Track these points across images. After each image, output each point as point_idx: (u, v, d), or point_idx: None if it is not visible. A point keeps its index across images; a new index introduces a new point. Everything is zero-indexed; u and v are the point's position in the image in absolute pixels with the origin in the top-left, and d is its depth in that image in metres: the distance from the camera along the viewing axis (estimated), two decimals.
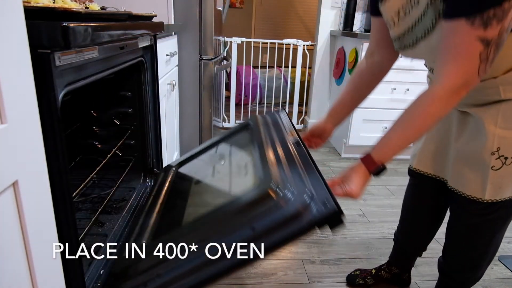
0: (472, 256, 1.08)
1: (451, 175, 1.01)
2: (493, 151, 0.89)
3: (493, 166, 0.90)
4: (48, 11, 0.56)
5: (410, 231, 1.30)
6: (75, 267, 0.65)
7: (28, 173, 0.48)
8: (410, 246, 1.31)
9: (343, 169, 0.84)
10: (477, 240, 1.05)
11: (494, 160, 0.89)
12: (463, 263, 1.11)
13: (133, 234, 0.90)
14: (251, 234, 0.67)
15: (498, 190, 0.92)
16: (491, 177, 0.91)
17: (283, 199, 0.67)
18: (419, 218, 1.26)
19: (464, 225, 1.05)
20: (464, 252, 1.09)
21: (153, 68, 1.18)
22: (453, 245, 1.12)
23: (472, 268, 1.10)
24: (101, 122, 1.23)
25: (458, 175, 0.98)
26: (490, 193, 0.93)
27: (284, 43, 3.10)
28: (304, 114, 3.34)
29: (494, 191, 0.93)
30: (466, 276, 1.12)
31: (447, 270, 1.15)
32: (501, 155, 0.89)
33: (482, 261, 1.09)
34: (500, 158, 0.89)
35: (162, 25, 1.17)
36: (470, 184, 0.95)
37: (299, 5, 4.83)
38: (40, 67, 0.52)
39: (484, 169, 0.91)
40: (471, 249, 1.08)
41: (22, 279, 0.49)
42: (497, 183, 0.92)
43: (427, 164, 1.12)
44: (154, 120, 1.23)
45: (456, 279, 1.13)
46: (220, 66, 2.26)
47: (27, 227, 0.48)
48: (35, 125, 0.50)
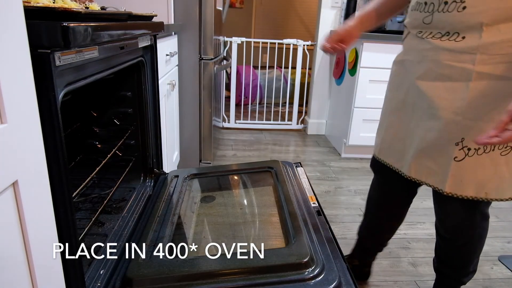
0: (462, 253, 1.09)
1: (413, 164, 0.98)
2: (457, 141, 0.87)
3: (456, 157, 0.88)
4: (48, 11, 0.56)
5: (374, 227, 1.30)
6: (75, 267, 0.65)
7: (28, 173, 0.48)
8: (373, 241, 1.33)
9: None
10: (461, 239, 1.06)
11: (457, 151, 0.87)
12: (455, 260, 1.11)
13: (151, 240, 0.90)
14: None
15: (459, 183, 0.90)
16: (452, 169, 0.89)
17: (313, 275, 0.72)
18: (383, 214, 1.26)
19: (448, 224, 1.05)
20: (453, 250, 1.10)
21: (153, 68, 1.18)
22: (442, 244, 1.13)
23: (465, 264, 1.10)
24: (101, 122, 1.23)
25: (421, 165, 0.96)
26: (451, 186, 0.91)
27: (284, 43, 3.10)
28: (304, 114, 3.34)
29: (455, 184, 0.91)
30: (461, 272, 1.12)
31: (442, 268, 1.15)
32: (465, 146, 0.87)
33: (473, 255, 1.09)
34: (463, 149, 0.87)
35: (162, 25, 1.17)
36: (432, 174, 0.94)
37: (299, 5, 4.82)
38: (40, 67, 0.52)
39: (446, 159, 0.90)
40: (460, 246, 1.08)
41: (22, 279, 0.49)
42: (458, 176, 0.90)
43: (385, 152, 1.09)
44: (154, 120, 1.24)
45: (452, 276, 1.14)
46: (220, 66, 2.26)
47: (27, 227, 0.48)
48: (35, 125, 0.50)
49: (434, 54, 0.88)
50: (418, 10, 0.91)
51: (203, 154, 2.15)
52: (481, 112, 0.84)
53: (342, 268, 0.76)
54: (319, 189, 2.16)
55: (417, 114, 0.96)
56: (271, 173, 1.19)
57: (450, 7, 0.82)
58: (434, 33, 0.88)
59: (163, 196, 1.10)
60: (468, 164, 0.88)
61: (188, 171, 1.27)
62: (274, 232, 0.93)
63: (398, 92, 1.02)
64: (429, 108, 0.91)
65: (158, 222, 0.95)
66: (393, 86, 1.06)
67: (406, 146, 1.01)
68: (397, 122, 1.03)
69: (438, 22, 0.86)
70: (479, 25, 0.79)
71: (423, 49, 0.91)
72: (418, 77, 0.93)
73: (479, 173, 0.88)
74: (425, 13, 0.89)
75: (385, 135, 1.08)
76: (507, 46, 0.78)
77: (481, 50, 0.80)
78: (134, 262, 0.78)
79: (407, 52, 0.99)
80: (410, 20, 0.97)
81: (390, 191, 1.21)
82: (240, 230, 0.98)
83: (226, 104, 3.29)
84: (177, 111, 1.94)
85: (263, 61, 4.27)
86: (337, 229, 1.74)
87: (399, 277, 1.43)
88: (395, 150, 1.05)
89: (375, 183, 1.26)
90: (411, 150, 0.99)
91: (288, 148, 2.91)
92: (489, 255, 1.62)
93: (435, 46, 0.87)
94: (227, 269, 0.74)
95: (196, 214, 1.07)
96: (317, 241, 0.84)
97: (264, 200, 1.11)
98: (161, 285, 0.72)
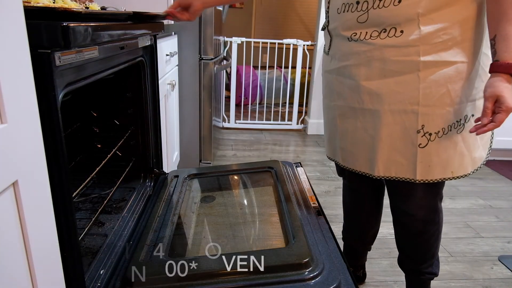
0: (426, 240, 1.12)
1: (380, 163, 0.99)
2: (418, 129, 0.91)
3: (420, 143, 0.93)
4: (48, 11, 0.56)
5: (353, 229, 1.32)
6: (75, 267, 0.65)
7: (28, 173, 0.48)
8: (358, 243, 1.34)
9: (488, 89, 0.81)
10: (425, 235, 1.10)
11: (420, 138, 0.92)
12: (418, 250, 1.14)
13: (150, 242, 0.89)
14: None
15: (428, 169, 0.95)
16: (419, 156, 0.93)
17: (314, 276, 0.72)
18: (359, 215, 1.29)
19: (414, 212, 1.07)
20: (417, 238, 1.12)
21: (153, 68, 1.18)
22: (405, 242, 1.16)
23: (425, 253, 1.13)
24: (101, 122, 1.23)
25: (388, 162, 0.98)
26: (421, 173, 0.95)
27: (284, 43, 3.10)
28: (304, 114, 3.34)
29: (424, 170, 0.95)
30: (426, 264, 1.14)
31: (409, 265, 1.18)
32: (426, 132, 0.91)
33: (436, 248, 1.14)
34: (425, 135, 0.92)
35: (162, 25, 1.17)
36: (401, 167, 0.97)
37: (299, 5, 4.82)
38: (40, 67, 0.52)
39: (412, 148, 0.94)
40: (423, 242, 1.12)
41: (22, 279, 0.49)
42: (426, 161, 0.94)
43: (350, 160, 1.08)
44: (154, 120, 1.23)
45: (418, 270, 1.16)
46: (220, 66, 2.26)
47: (27, 227, 0.48)
48: (35, 125, 0.50)
49: (380, 53, 0.90)
50: (350, 11, 0.92)
51: (203, 154, 2.15)
52: (434, 98, 0.89)
53: (342, 268, 0.76)
54: (319, 189, 2.16)
55: (369, 115, 0.97)
56: (271, 173, 1.19)
57: (386, 2, 0.85)
58: (371, 32, 0.89)
59: (163, 196, 1.10)
60: (432, 149, 0.93)
61: (188, 171, 1.27)
62: (274, 232, 0.93)
63: (341, 99, 1.03)
64: (384, 105, 0.93)
65: (158, 222, 0.95)
66: (333, 94, 1.06)
67: (367, 149, 1.01)
68: (350, 127, 1.03)
69: (374, 19, 0.88)
70: (416, 16, 0.84)
71: (366, 51, 0.92)
72: (365, 79, 0.94)
73: (442, 154, 0.93)
74: (359, 12, 0.90)
75: (342, 143, 1.08)
76: (442, 34, 0.84)
77: (422, 41, 0.85)
78: (133, 262, 0.78)
79: (345, 57, 0.97)
80: (339, 24, 0.96)
81: (359, 193, 1.24)
82: (240, 230, 0.98)
83: (226, 104, 3.29)
84: (177, 111, 1.94)
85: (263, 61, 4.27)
86: (337, 229, 1.74)
87: (399, 277, 1.43)
88: (358, 155, 1.05)
89: (345, 187, 1.29)
90: (373, 150, 0.99)
91: (288, 148, 2.91)
92: (489, 255, 1.62)
93: (378, 46, 0.90)
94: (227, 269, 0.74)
95: (196, 214, 1.07)
96: (317, 241, 0.84)
97: (264, 200, 1.10)
98: (161, 285, 0.72)
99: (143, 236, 0.89)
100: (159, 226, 0.94)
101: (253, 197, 1.15)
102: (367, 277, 1.43)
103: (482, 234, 1.78)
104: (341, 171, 1.23)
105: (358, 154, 1.04)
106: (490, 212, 1.99)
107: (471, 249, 1.66)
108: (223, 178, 1.27)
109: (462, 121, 0.91)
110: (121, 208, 1.09)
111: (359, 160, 1.05)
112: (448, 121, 0.90)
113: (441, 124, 0.91)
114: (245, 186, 1.24)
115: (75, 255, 0.64)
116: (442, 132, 0.91)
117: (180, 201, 1.09)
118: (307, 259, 0.73)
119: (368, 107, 0.96)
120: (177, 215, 1.02)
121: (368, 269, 1.45)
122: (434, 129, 0.91)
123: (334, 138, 1.11)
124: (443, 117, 0.90)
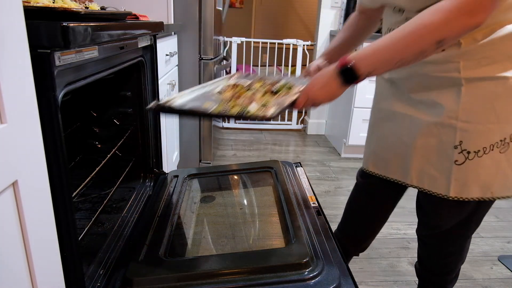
0: (447, 261, 1.08)
1: (413, 173, 0.97)
2: (456, 144, 0.87)
3: (456, 160, 0.88)
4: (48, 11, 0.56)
5: (353, 233, 1.27)
6: (75, 267, 0.65)
7: (28, 173, 0.48)
8: (350, 246, 1.29)
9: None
10: (450, 247, 1.05)
11: (457, 154, 0.87)
12: (439, 268, 1.11)
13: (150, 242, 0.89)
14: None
15: (464, 187, 0.90)
16: (454, 172, 0.89)
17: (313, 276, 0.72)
18: (365, 220, 1.23)
19: (436, 233, 1.04)
20: (439, 258, 1.09)
21: (153, 68, 1.18)
22: (426, 252, 1.13)
23: (449, 271, 1.10)
24: (101, 122, 1.23)
25: (422, 173, 0.95)
26: (456, 190, 0.90)
27: (284, 43, 3.10)
28: (304, 114, 3.34)
29: (460, 188, 0.90)
30: (445, 279, 1.12)
31: (425, 275, 1.15)
32: (464, 149, 0.87)
33: (457, 263, 1.10)
34: (463, 152, 0.87)
35: (162, 25, 1.17)
36: (435, 181, 0.93)
37: (299, 5, 4.82)
38: (40, 67, 0.52)
39: (447, 164, 0.89)
40: (446, 256, 1.08)
41: (22, 279, 0.49)
42: (461, 179, 0.89)
43: (381, 165, 1.07)
44: (154, 120, 1.23)
45: (436, 283, 1.13)
46: (220, 66, 2.26)
47: (27, 227, 0.48)
48: (35, 125, 0.50)
49: (420, 69, 0.88)
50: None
51: (203, 154, 2.15)
52: (476, 114, 0.84)
53: (342, 268, 0.76)
54: (319, 189, 2.16)
55: (408, 123, 0.95)
56: (271, 173, 1.19)
57: None
58: None
59: (163, 196, 1.10)
60: (469, 167, 0.88)
61: (188, 171, 1.26)
62: (274, 232, 0.93)
63: (387, 103, 1.02)
64: (422, 114, 0.91)
65: (158, 222, 0.95)
66: (381, 97, 1.05)
67: (400, 156, 1.00)
68: (387, 132, 1.02)
69: None
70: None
71: (409, 67, 0.89)
72: (409, 91, 0.93)
73: (481, 174, 0.88)
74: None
75: (377, 148, 1.07)
76: (488, 49, 0.80)
77: (463, 57, 0.81)
78: (133, 263, 0.78)
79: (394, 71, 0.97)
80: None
81: (376, 195, 1.19)
82: (240, 230, 0.98)
83: None
84: None
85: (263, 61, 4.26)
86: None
87: (399, 277, 1.43)
88: (390, 162, 1.03)
89: (360, 187, 1.23)
90: (407, 159, 0.98)
91: (288, 148, 2.91)
92: (489, 255, 1.62)
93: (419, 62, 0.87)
94: (227, 269, 0.74)
95: (196, 214, 1.07)
96: (317, 241, 0.84)
97: (264, 200, 1.10)
98: (161, 285, 0.72)
99: (143, 236, 0.89)
100: (159, 226, 0.94)
101: (253, 197, 1.15)
102: (367, 277, 1.43)
103: (482, 234, 1.78)
104: (362, 175, 1.18)
105: (391, 161, 1.02)
106: (490, 212, 1.97)
107: (471, 249, 1.65)
108: (223, 178, 1.27)
109: (507, 140, 0.85)
110: (121, 208, 1.09)
111: (392, 167, 1.02)
112: (491, 140, 0.85)
113: (482, 143, 0.85)
114: (245, 186, 1.24)
115: (75, 255, 0.64)
116: (483, 152, 0.86)
117: (180, 201, 1.09)
118: (307, 259, 0.73)
119: (408, 113, 0.94)
120: (177, 215, 1.02)
121: (368, 269, 1.45)
122: (473, 147, 0.86)
123: (369, 142, 1.12)
124: (485, 135, 0.84)
